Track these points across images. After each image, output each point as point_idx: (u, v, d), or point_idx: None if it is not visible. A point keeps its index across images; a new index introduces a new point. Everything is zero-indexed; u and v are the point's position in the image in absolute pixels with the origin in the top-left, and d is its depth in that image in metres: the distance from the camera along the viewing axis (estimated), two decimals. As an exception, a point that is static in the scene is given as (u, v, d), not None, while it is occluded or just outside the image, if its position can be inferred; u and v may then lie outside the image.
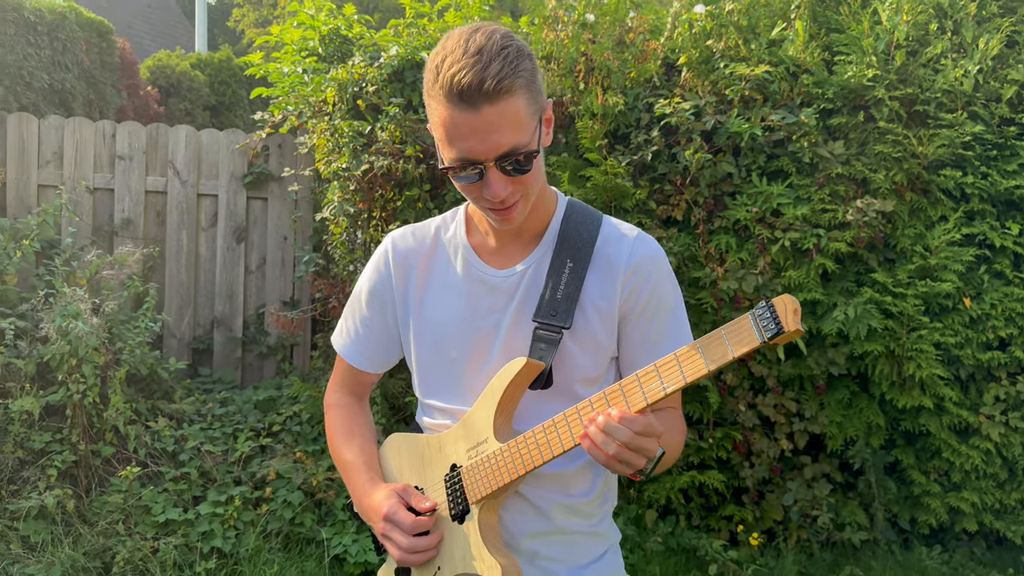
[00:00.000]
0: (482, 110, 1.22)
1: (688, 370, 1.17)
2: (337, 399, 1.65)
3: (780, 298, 1.10)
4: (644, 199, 3.90)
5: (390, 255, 1.53)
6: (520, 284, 1.43)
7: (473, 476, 1.37)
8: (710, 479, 3.77)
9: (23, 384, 3.39)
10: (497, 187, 1.28)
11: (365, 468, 1.50)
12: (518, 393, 1.37)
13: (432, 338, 1.48)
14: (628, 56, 4.06)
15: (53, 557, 2.97)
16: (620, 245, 1.44)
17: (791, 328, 1.08)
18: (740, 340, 1.13)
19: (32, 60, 5.52)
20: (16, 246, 3.76)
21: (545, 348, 1.37)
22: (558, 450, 1.28)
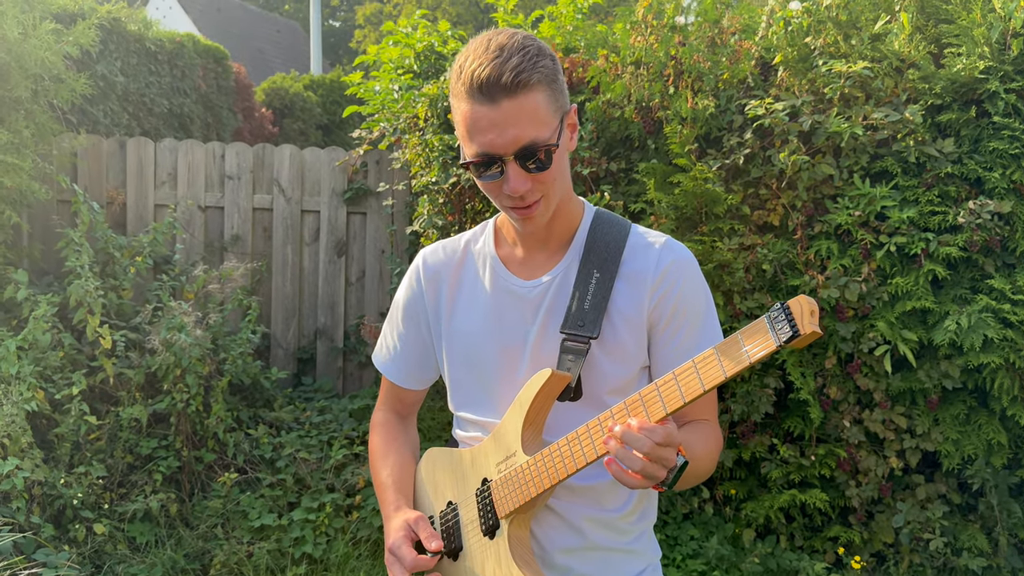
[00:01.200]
0: (501, 103, 1.24)
1: (706, 377, 1.13)
2: (380, 418, 1.65)
3: (796, 299, 1.05)
4: (737, 204, 3.76)
5: (421, 271, 1.53)
6: (547, 294, 1.41)
7: (502, 490, 1.35)
8: (812, 498, 3.57)
9: (133, 393, 3.60)
10: (516, 182, 1.27)
11: (393, 490, 1.51)
12: (546, 405, 1.35)
13: (462, 350, 1.47)
14: (720, 57, 3.94)
15: (155, 558, 3.13)
16: (647, 253, 1.41)
17: (807, 330, 1.03)
18: (756, 344, 1.09)
19: (153, 87, 5.90)
20: (131, 262, 4.00)
21: (573, 359, 1.35)
22: (581, 462, 1.25)
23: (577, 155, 3.99)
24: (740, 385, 3.69)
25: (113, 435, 3.44)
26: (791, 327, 1.04)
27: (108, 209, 4.84)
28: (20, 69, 3.62)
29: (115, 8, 5.55)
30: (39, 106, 3.93)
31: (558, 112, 1.31)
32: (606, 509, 1.43)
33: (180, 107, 6.24)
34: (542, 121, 1.27)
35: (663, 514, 3.80)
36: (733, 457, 3.72)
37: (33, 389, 3.22)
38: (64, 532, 3.09)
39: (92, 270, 3.93)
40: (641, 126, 4.05)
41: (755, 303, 3.62)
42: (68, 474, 3.20)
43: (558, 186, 1.34)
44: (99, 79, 5.31)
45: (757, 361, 1.09)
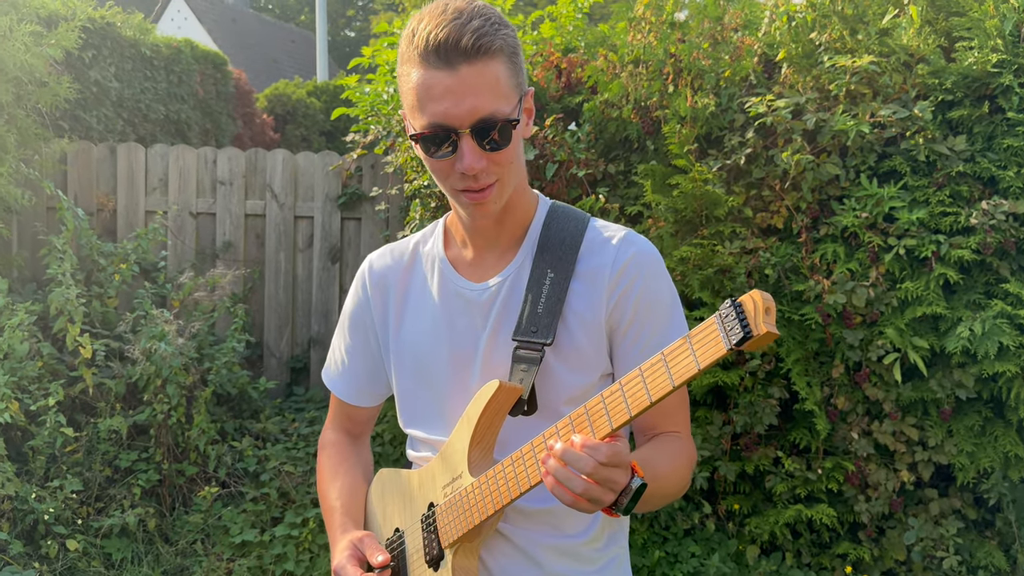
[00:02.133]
0: (459, 69, 1.12)
1: (653, 387, 0.99)
2: (330, 438, 1.52)
3: (749, 295, 0.91)
4: (739, 206, 3.61)
5: (367, 277, 1.41)
6: (498, 298, 1.28)
7: (447, 516, 1.22)
8: (819, 513, 3.41)
9: (113, 404, 3.49)
10: (471, 158, 1.14)
11: (340, 512, 1.38)
12: (496, 420, 1.21)
13: (411, 361, 1.34)
14: (721, 54, 3.80)
15: (131, 575, 3.01)
16: (604, 249, 1.28)
17: (761, 331, 0.90)
18: (706, 348, 0.95)
19: (149, 93, 5.82)
20: (116, 270, 3.90)
21: (526, 369, 1.22)
22: (525, 485, 1.11)
23: (573, 157, 3.86)
24: (743, 395, 3.54)
25: (91, 447, 3.33)
26: (743, 327, 0.91)
27: (98, 216, 4.75)
28: (1, 72, 3.53)
29: (109, 13, 5.48)
30: (22, 111, 3.84)
31: (518, 89, 1.19)
32: (566, 535, 1.29)
33: (177, 113, 6.17)
34: (502, 94, 1.15)
35: (662, 530, 3.64)
36: (736, 471, 3.57)
37: (7, 400, 3.11)
38: (35, 549, 2.97)
39: (76, 277, 3.83)
40: (640, 126, 3.92)
41: (758, 309, 3.47)
42: (41, 488, 3.09)
43: (513, 171, 1.22)
44: (92, 84, 5.24)
45: (706, 368, 0.96)
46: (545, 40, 4.58)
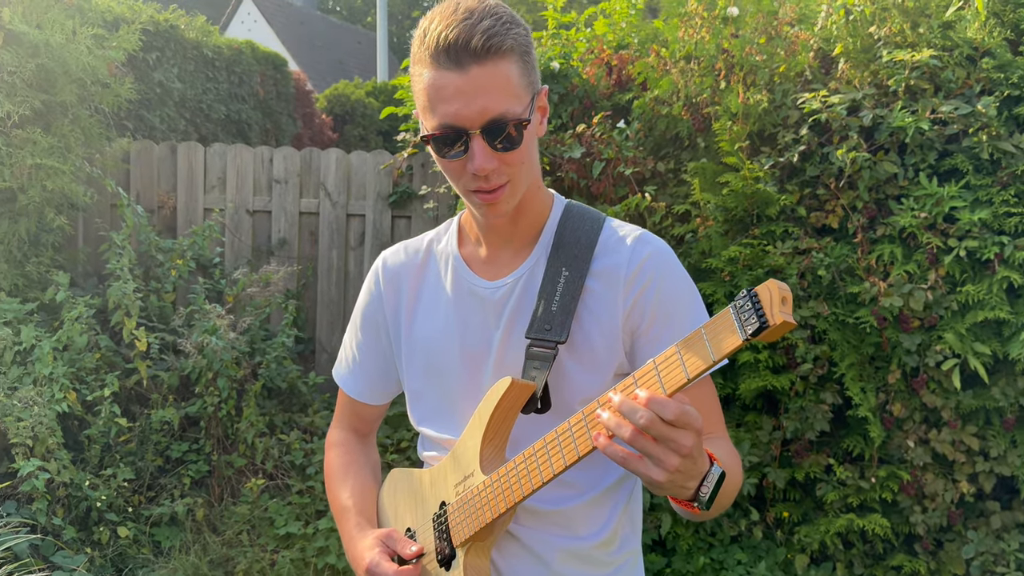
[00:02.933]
0: (470, 70, 1.11)
1: (667, 380, 0.96)
2: (337, 437, 1.51)
3: (765, 284, 0.89)
4: (793, 205, 3.52)
5: (380, 273, 1.40)
6: (512, 296, 1.27)
7: (458, 515, 1.20)
8: (872, 524, 3.29)
9: (166, 395, 3.58)
10: (482, 158, 1.13)
11: (355, 512, 1.37)
12: (509, 418, 1.20)
13: (423, 359, 1.33)
14: (776, 49, 3.70)
15: (178, 563, 3.08)
16: (619, 249, 1.26)
17: (777, 320, 0.87)
18: (720, 339, 0.93)
19: (210, 93, 5.97)
20: (172, 265, 4.01)
21: (539, 367, 1.20)
22: (537, 482, 1.09)
23: (621, 155, 3.81)
24: (793, 400, 3.44)
25: (144, 438, 3.43)
26: (758, 317, 0.88)
27: (159, 213, 4.88)
28: (65, 74, 3.66)
29: (172, 16, 5.64)
30: (86, 111, 3.97)
31: (529, 88, 1.17)
32: (578, 537, 1.27)
33: (238, 113, 6.31)
34: (513, 93, 1.14)
35: (708, 536, 3.57)
36: (786, 477, 3.47)
37: (65, 390, 3.22)
38: (88, 534, 3.07)
39: (134, 273, 3.95)
40: (690, 123, 3.85)
41: (810, 312, 3.37)
42: (96, 476, 3.19)
43: (525, 171, 1.21)
44: (156, 85, 5.39)
45: (721, 359, 0.93)
46: (597, 37, 4.54)
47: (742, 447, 3.45)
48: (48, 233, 3.89)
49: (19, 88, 3.53)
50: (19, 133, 3.54)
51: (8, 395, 2.99)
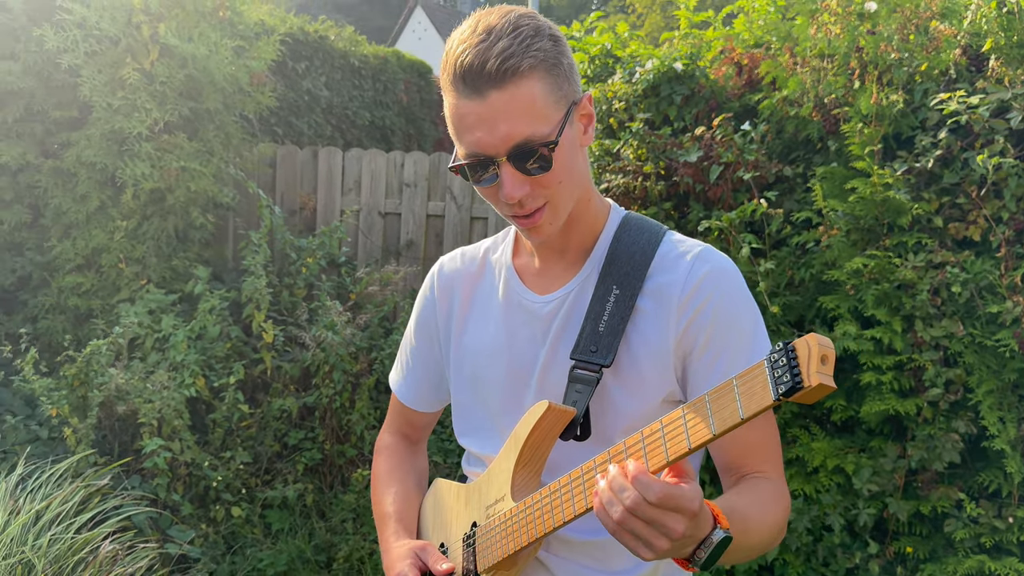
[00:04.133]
0: (488, 96, 1.07)
1: (694, 433, 0.90)
2: (386, 442, 1.52)
3: (805, 339, 0.80)
4: (929, 215, 3.23)
5: (436, 280, 1.39)
6: (559, 312, 1.22)
7: (485, 539, 1.17)
8: (1005, 568, 2.97)
9: (287, 385, 3.79)
10: (510, 186, 1.10)
11: (395, 520, 1.36)
12: (546, 443, 1.15)
13: (470, 371, 1.30)
14: (916, 46, 3.42)
15: (284, 546, 3.25)
16: (676, 267, 1.18)
17: (813, 382, 0.78)
18: (752, 395, 0.84)
19: (356, 101, 6.27)
20: (303, 263, 4.24)
21: (581, 390, 1.14)
22: (562, 518, 1.05)
23: (742, 158, 3.64)
24: (921, 427, 3.16)
25: (264, 424, 3.64)
26: (792, 376, 0.80)
27: (300, 214, 5.18)
28: (210, 84, 3.96)
29: (323, 27, 5.97)
30: (232, 117, 4.27)
31: (562, 102, 1.11)
32: (611, 571, 1.21)
33: (382, 119, 6.59)
34: (538, 114, 1.09)
35: (820, 566, 3.34)
36: (910, 510, 3.19)
37: (195, 376, 3.48)
38: (205, 512, 3.30)
39: (268, 269, 4.21)
40: (821, 125, 3.62)
41: (942, 331, 3.08)
42: (216, 458, 3.42)
43: (566, 189, 1.15)
44: (304, 93, 5.73)
45: (750, 418, 0.85)
46: (733, 36, 4.37)
47: (861, 474, 3.21)
48: (195, 230, 4.22)
49: (169, 97, 3.86)
50: (167, 138, 3.86)
51: (143, 379, 3.26)
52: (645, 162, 3.77)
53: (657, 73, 4.03)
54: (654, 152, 3.76)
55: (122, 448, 3.29)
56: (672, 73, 4.05)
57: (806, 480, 3.39)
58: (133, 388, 3.14)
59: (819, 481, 3.34)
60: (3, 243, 4.05)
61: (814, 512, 3.30)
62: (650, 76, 4.03)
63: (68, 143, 3.98)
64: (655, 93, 4.08)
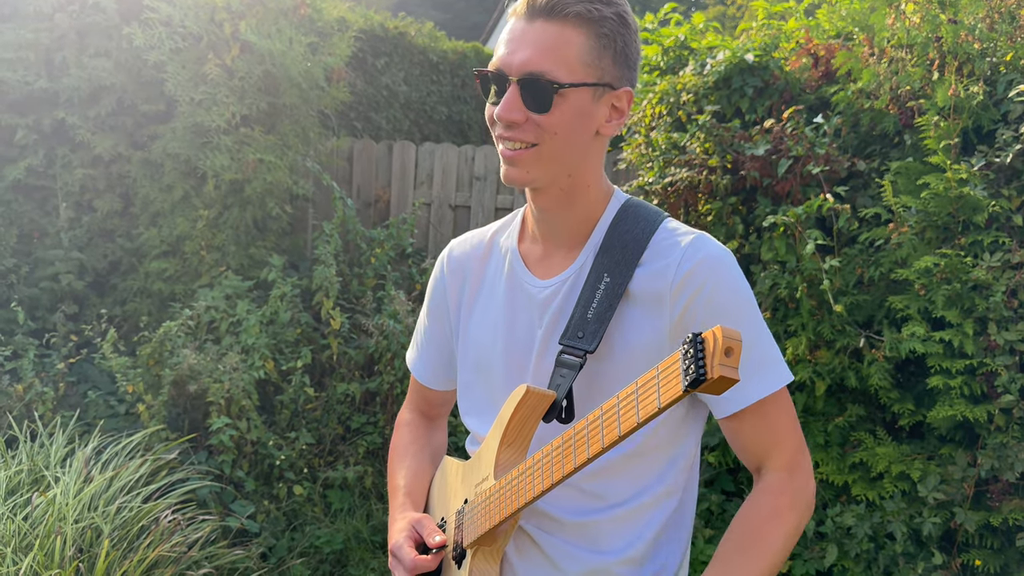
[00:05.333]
0: (534, 23, 1.15)
1: (624, 420, 0.94)
2: (405, 418, 1.56)
3: (712, 330, 0.81)
4: (1009, 212, 3.08)
5: (446, 263, 1.42)
6: (556, 298, 1.24)
7: (471, 515, 1.22)
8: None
9: (352, 370, 3.91)
10: (505, 106, 1.15)
11: (403, 493, 1.41)
12: (528, 425, 1.18)
13: (474, 353, 1.34)
14: (999, 35, 3.25)
15: (343, 525, 3.36)
16: (669, 256, 1.18)
17: (715, 374, 0.80)
18: (667, 385, 0.87)
19: (434, 96, 6.38)
20: (371, 253, 4.36)
21: (565, 374, 1.16)
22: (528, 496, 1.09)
23: (812, 152, 3.53)
24: (993, 435, 3.01)
25: (329, 407, 3.77)
26: (697, 369, 0.81)
27: (375, 206, 5.32)
28: (287, 79, 4.11)
29: (403, 24, 6.09)
30: (309, 112, 4.42)
31: (595, 70, 1.15)
32: (600, 551, 1.22)
33: (459, 114, 6.68)
34: (564, 60, 1.13)
35: (883, 575, 3.23)
36: (979, 521, 3.04)
37: (265, 359, 3.63)
38: (268, 489, 3.44)
39: (339, 259, 4.34)
40: (897, 119, 3.48)
41: (1017, 335, 2.93)
42: (281, 438, 3.56)
43: (559, 146, 1.17)
44: (383, 88, 5.87)
45: (666, 407, 0.87)
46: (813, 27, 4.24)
47: (927, 482, 3.09)
48: (272, 220, 4.39)
49: (248, 91, 4.03)
50: (245, 131, 4.03)
51: (215, 360, 3.43)
52: (711, 155, 3.70)
53: (729, 65, 3.95)
54: (721, 145, 3.70)
55: (193, 425, 3.47)
56: (744, 65, 3.96)
57: (869, 486, 3.27)
58: (204, 368, 3.31)
59: (883, 487, 3.23)
60: (97, 229, 4.32)
61: (876, 519, 3.19)
62: (721, 68, 3.95)
63: (155, 136, 4.20)
64: (727, 85, 4.00)
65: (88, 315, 4.16)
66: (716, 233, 3.74)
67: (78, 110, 4.18)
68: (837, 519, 3.24)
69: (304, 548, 3.22)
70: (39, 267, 4.13)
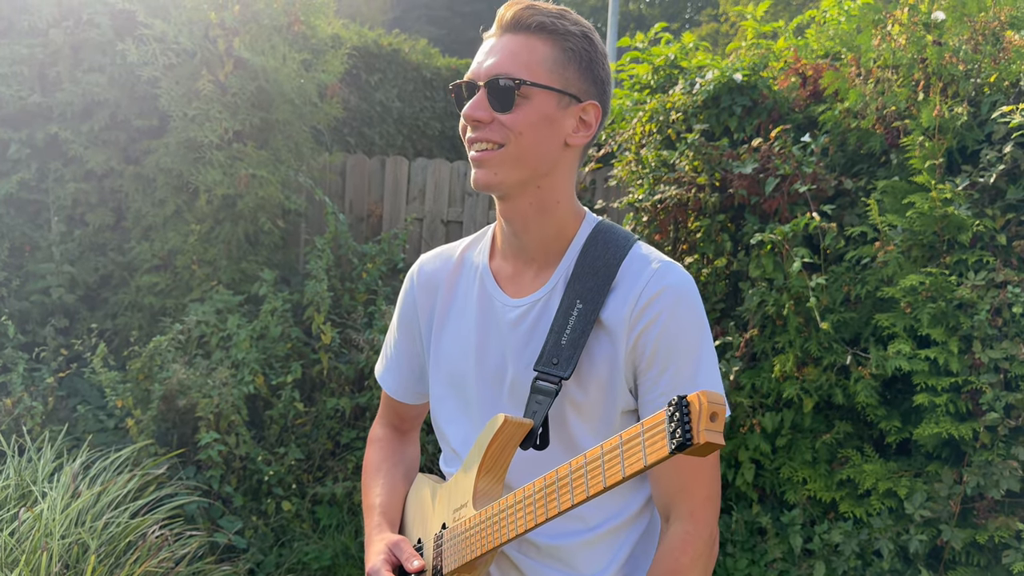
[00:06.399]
0: (503, 37, 1.22)
1: (609, 473, 0.96)
2: (377, 434, 1.56)
3: (697, 394, 0.82)
4: (993, 232, 3.11)
5: (415, 278, 1.43)
6: (527, 319, 1.26)
7: (450, 542, 1.22)
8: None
9: (343, 385, 3.91)
10: (473, 105, 1.20)
11: (378, 512, 1.40)
12: (505, 453, 1.19)
13: (446, 369, 1.34)
14: (983, 56, 3.30)
15: (331, 541, 3.35)
16: (635, 284, 1.21)
17: (701, 440, 0.81)
18: (652, 443, 0.88)
19: (427, 111, 6.42)
20: (363, 268, 4.37)
21: (541, 402, 1.18)
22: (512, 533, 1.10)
23: (799, 171, 3.57)
24: (979, 452, 3.03)
25: (318, 422, 3.77)
26: (683, 433, 0.82)
27: (368, 221, 5.33)
28: (280, 95, 4.14)
29: (396, 40, 6.14)
30: (302, 127, 4.44)
31: (558, 78, 1.20)
32: (579, 573, 1.25)
33: (452, 129, 6.72)
34: (526, 65, 1.20)
35: (868, 592, 3.23)
36: (965, 539, 3.06)
37: (255, 374, 3.63)
38: (257, 504, 3.44)
39: (331, 274, 4.35)
40: (883, 138, 3.52)
41: (1002, 353, 2.96)
42: (270, 453, 3.56)
43: (524, 146, 1.19)
44: (376, 104, 5.91)
45: (653, 465, 0.89)
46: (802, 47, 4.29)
47: (914, 499, 3.10)
48: (264, 235, 4.41)
49: (241, 107, 4.05)
50: (237, 147, 4.05)
51: (204, 374, 3.43)
52: (700, 173, 3.74)
53: (717, 84, 3.99)
54: (709, 163, 3.73)
55: (182, 440, 3.47)
56: (732, 84, 4.00)
57: (856, 503, 3.29)
58: (194, 383, 3.31)
59: (870, 504, 3.24)
60: (89, 243, 4.33)
61: (863, 536, 3.20)
62: (710, 87, 4.00)
63: (148, 150, 4.22)
64: (715, 104, 4.04)
65: (79, 329, 4.16)
66: (705, 250, 3.77)
67: (71, 125, 4.19)
68: (825, 536, 3.25)
69: (292, 564, 3.21)
70: (30, 280, 4.14)
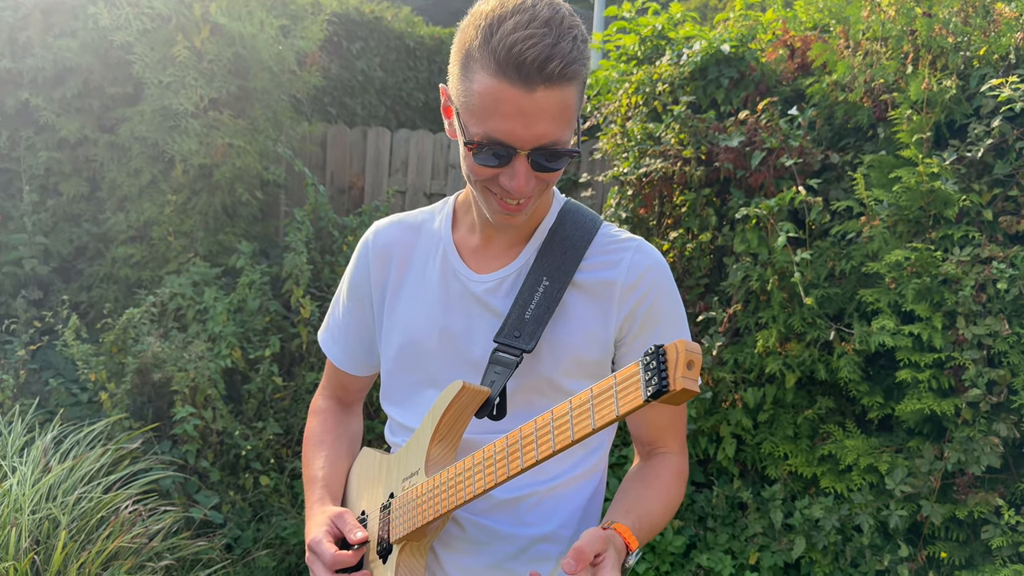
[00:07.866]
0: (536, 92, 1.05)
1: (578, 426, 0.96)
2: (320, 405, 1.52)
3: (674, 343, 0.84)
4: (979, 207, 3.09)
5: (370, 244, 1.38)
6: (494, 293, 1.25)
7: (399, 510, 1.20)
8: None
9: (322, 360, 3.86)
10: (522, 180, 1.11)
11: (321, 485, 1.37)
12: (461, 421, 1.19)
13: (399, 341, 1.31)
14: (973, 29, 3.25)
15: (309, 516, 3.32)
16: (619, 254, 1.24)
17: (678, 386, 0.83)
18: (626, 394, 0.89)
19: (410, 82, 6.31)
20: (344, 241, 4.30)
21: (500, 372, 1.18)
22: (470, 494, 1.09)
23: (786, 144, 3.52)
24: (960, 428, 3.02)
25: (298, 397, 3.72)
26: (660, 380, 0.84)
27: (349, 193, 5.25)
28: (257, 63, 4.03)
29: (379, 8, 6.01)
30: (281, 96, 4.34)
31: (579, 112, 1.14)
32: (525, 524, 1.27)
33: (436, 100, 6.61)
34: (568, 121, 1.10)
35: (849, 566, 3.24)
36: (945, 514, 3.06)
37: (232, 348, 3.57)
38: (234, 479, 3.40)
39: (311, 246, 4.28)
40: (871, 111, 3.48)
41: (986, 329, 2.94)
42: (248, 427, 3.51)
43: (552, 186, 1.22)
44: (358, 74, 5.79)
45: (624, 415, 0.90)
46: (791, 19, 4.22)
47: (895, 475, 3.10)
48: (242, 206, 4.32)
49: (217, 74, 3.95)
50: (213, 115, 3.95)
51: (180, 348, 3.37)
52: (686, 146, 3.69)
53: (705, 55, 3.92)
54: (695, 136, 3.67)
55: (157, 414, 3.41)
56: (720, 55, 3.94)
57: (837, 478, 3.28)
58: (169, 356, 3.25)
59: (851, 480, 3.24)
60: (62, 214, 4.23)
61: (844, 511, 3.20)
62: (697, 58, 3.93)
63: (123, 118, 4.12)
64: (702, 76, 3.98)
65: (53, 301, 4.07)
66: (690, 224, 3.73)
67: (43, 91, 4.08)
68: (805, 511, 3.25)
69: (270, 539, 3.18)
70: (2, 252, 4.04)
